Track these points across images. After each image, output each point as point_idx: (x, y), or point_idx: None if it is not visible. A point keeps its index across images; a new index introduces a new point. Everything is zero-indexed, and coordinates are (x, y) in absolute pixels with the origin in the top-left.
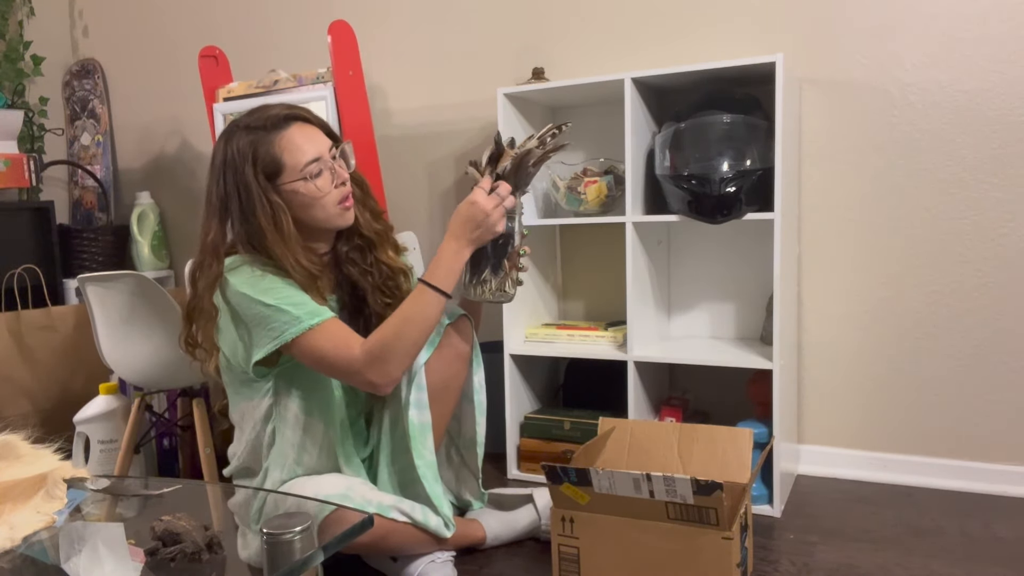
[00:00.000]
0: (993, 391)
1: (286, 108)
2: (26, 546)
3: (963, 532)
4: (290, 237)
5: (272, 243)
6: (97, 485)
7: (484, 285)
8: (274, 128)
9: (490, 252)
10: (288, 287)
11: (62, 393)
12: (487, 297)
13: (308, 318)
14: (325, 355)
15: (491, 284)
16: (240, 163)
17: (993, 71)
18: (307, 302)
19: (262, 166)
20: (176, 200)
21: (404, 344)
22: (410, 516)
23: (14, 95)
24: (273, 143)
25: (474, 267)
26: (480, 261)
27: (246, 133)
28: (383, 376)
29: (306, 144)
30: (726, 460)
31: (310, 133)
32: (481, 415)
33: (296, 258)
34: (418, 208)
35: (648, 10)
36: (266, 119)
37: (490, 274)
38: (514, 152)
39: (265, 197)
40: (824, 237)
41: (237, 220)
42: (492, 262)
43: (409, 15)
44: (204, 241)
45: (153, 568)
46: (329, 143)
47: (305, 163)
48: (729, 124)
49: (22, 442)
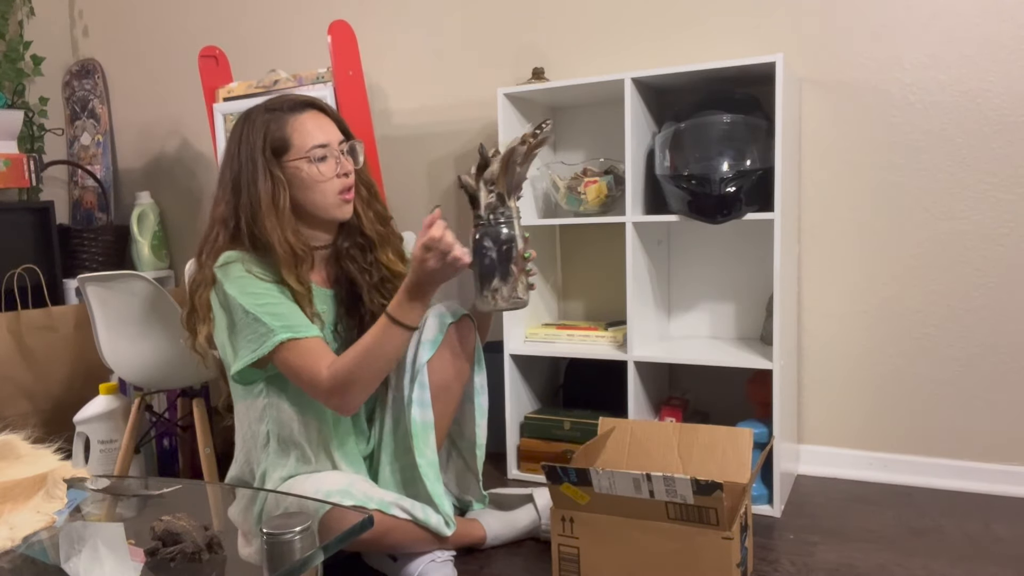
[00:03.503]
0: (993, 391)
1: (306, 97)
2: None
3: (963, 532)
4: (283, 213)
5: (265, 215)
6: (97, 485)
7: (496, 294)
8: (290, 111)
9: (496, 260)
10: (269, 294)
11: (62, 393)
12: (501, 305)
13: (283, 332)
14: (294, 371)
15: (503, 291)
16: (253, 138)
17: (993, 71)
18: (285, 314)
19: (271, 142)
20: (176, 200)
21: (366, 376)
22: (411, 513)
23: (14, 95)
24: (286, 123)
25: (483, 279)
26: (488, 271)
27: (263, 112)
28: (343, 404)
29: (316, 130)
30: (726, 460)
31: (322, 122)
32: (482, 417)
33: (283, 234)
34: (418, 208)
35: (648, 10)
36: (284, 102)
37: (500, 282)
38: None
39: (268, 170)
40: (824, 237)
41: (242, 191)
42: (500, 269)
43: (409, 15)
44: (212, 214)
45: (153, 568)
46: (341, 136)
47: (312, 145)
48: (729, 124)
49: (22, 442)
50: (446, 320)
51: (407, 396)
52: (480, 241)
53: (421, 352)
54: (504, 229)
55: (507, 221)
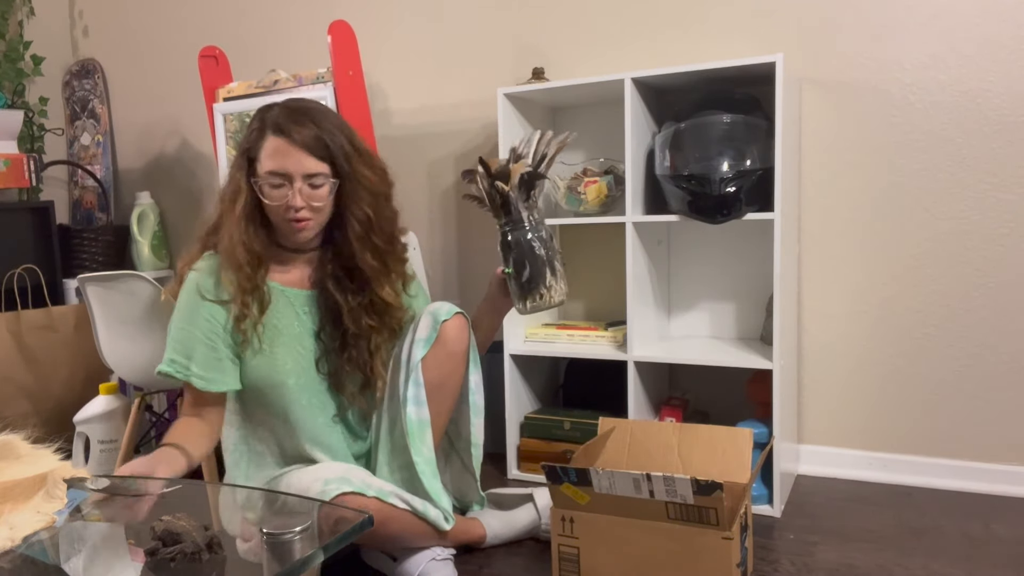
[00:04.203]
0: (993, 391)
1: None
2: (26, 546)
3: (963, 532)
4: (240, 216)
5: (224, 214)
6: (97, 485)
7: (551, 291)
8: (271, 128)
9: (545, 258)
10: (186, 320)
11: (62, 393)
12: (557, 300)
13: (166, 365)
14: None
15: (557, 286)
16: (243, 138)
17: (993, 71)
18: (181, 348)
19: (250, 151)
20: (176, 200)
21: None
22: (410, 504)
23: (14, 95)
24: (261, 139)
25: (534, 280)
26: (539, 271)
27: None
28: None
29: (277, 157)
30: (726, 460)
31: (287, 151)
32: (477, 416)
33: (233, 235)
34: (418, 208)
35: (648, 10)
36: (276, 116)
37: (552, 278)
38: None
39: (238, 173)
40: (824, 237)
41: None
42: (550, 266)
43: (409, 15)
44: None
45: (153, 568)
46: (307, 169)
47: (266, 171)
48: (729, 124)
49: (22, 442)
50: (439, 318)
51: (402, 395)
52: (528, 243)
53: (415, 350)
54: (545, 228)
55: (542, 219)
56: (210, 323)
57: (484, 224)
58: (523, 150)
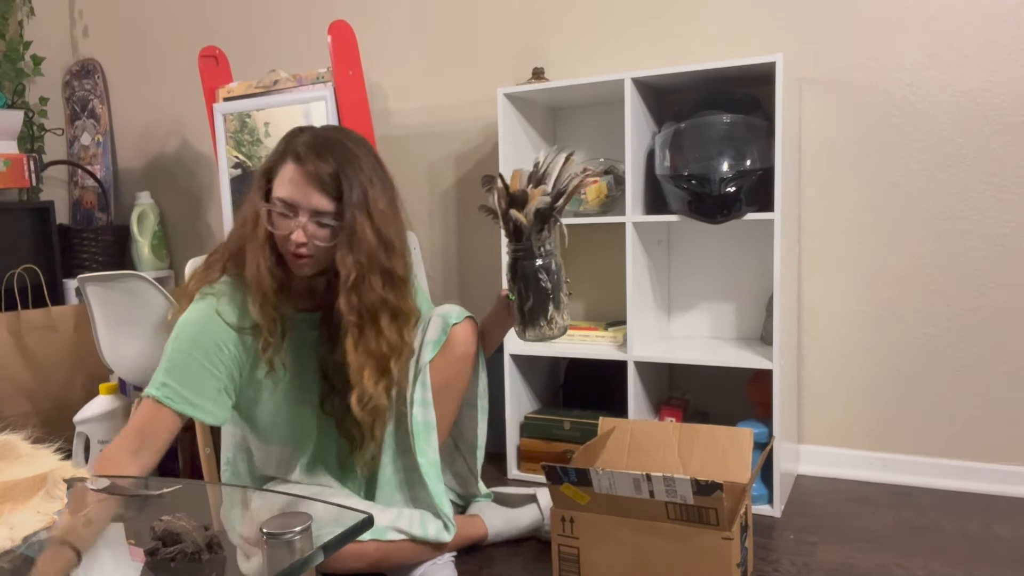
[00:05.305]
0: (993, 391)
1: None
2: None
3: (963, 532)
4: (263, 243)
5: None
6: (97, 485)
7: (551, 324)
8: (291, 153)
9: (550, 289)
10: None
11: (62, 393)
12: (557, 334)
13: (152, 384)
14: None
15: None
16: (267, 158)
17: (993, 71)
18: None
19: (269, 172)
20: (176, 200)
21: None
22: (408, 532)
23: (14, 95)
24: (281, 162)
25: (537, 309)
26: (542, 302)
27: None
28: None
29: (286, 186)
30: (726, 460)
31: (302, 182)
32: (482, 419)
33: (261, 264)
34: (418, 208)
35: (648, 10)
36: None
37: (555, 311)
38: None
39: (256, 195)
40: (824, 237)
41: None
42: (554, 298)
43: (409, 15)
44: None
45: (153, 568)
46: (316, 205)
47: (276, 197)
48: (729, 124)
49: (22, 442)
50: (450, 321)
51: (409, 396)
52: (534, 274)
53: (424, 352)
54: (555, 260)
55: (554, 249)
56: (218, 348)
57: (484, 224)
58: (544, 170)
